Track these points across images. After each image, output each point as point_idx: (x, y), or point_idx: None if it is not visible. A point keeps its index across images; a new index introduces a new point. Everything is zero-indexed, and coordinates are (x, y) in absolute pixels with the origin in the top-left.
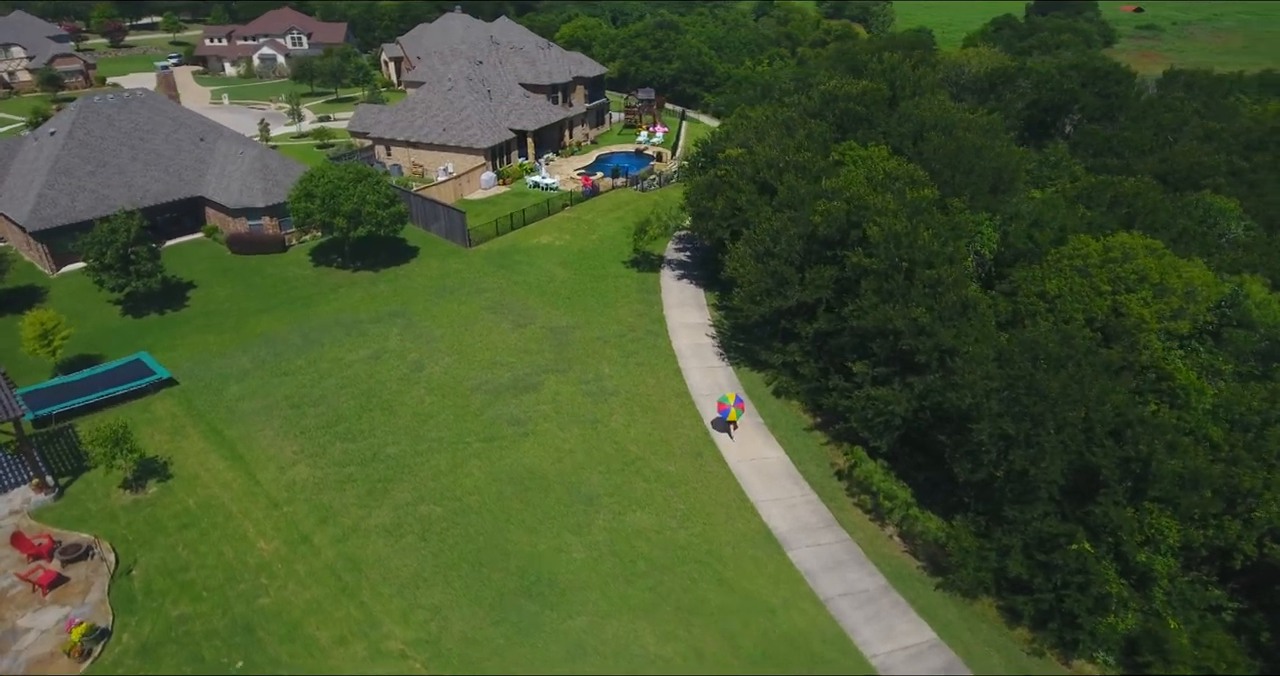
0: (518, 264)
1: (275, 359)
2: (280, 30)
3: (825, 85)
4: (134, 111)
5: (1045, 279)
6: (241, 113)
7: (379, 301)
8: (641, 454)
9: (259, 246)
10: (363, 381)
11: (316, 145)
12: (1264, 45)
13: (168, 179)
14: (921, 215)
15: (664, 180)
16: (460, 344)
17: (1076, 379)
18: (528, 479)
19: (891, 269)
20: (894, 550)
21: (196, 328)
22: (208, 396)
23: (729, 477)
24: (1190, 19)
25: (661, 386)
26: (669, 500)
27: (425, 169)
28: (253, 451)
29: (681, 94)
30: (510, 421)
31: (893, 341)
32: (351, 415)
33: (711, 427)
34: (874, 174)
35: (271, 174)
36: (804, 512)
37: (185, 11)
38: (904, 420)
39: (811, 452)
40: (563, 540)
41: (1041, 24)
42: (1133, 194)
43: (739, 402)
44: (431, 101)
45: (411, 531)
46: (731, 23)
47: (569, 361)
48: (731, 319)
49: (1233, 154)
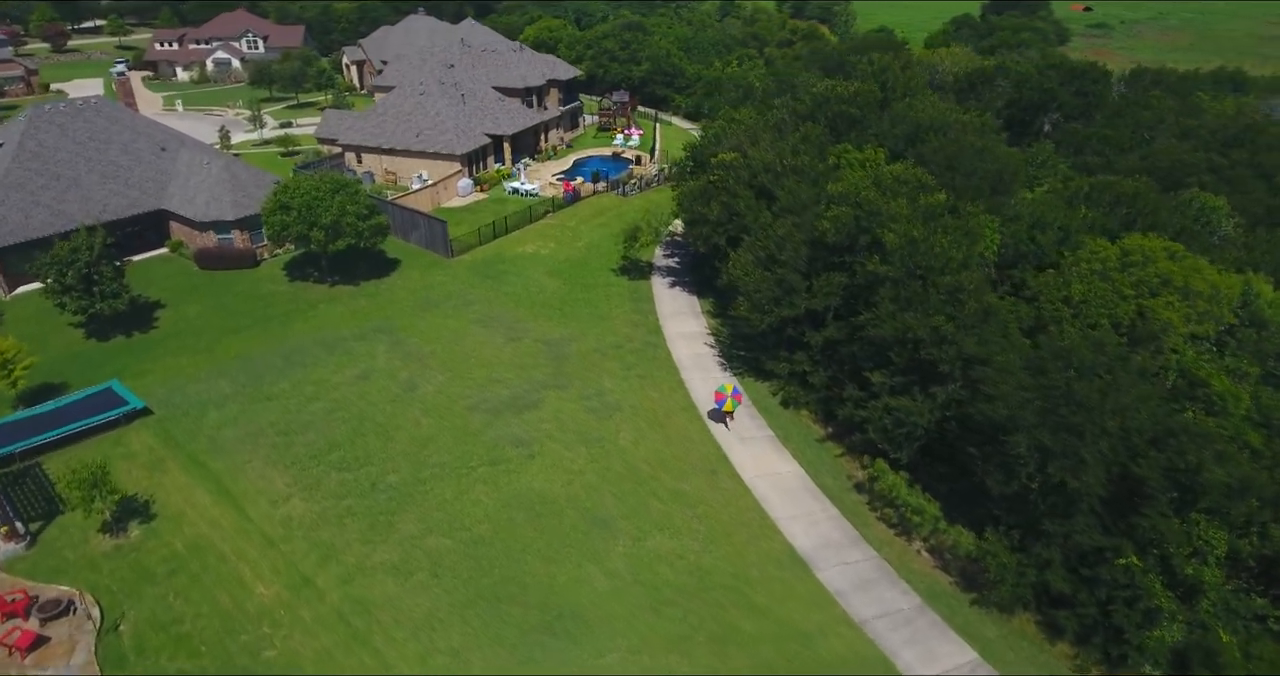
0: (504, 274)
1: (256, 382)
2: (235, 33)
3: (816, 87)
4: (89, 120)
5: (1069, 284)
6: (197, 120)
7: (361, 317)
8: (653, 472)
9: (229, 261)
10: (353, 404)
11: (281, 153)
12: (1210, 43)
13: (128, 192)
14: (934, 220)
15: (645, 184)
16: (452, 360)
17: (1112, 387)
18: (538, 504)
19: (908, 276)
20: (924, 566)
21: (168, 350)
22: (186, 425)
23: (746, 494)
24: (1138, 18)
25: (666, 400)
26: (687, 521)
27: (399, 176)
28: (241, 485)
29: (651, 96)
30: (514, 442)
31: (911, 350)
32: (344, 442)
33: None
34: (882, 178)
35: (241, 185)
36: (827, 529)
37: (131, 14)
38: (925, 430)
39: (827, 465)
40: (582, 569)
41: (1000, 23)
42: (1132, 194)
43: (736, 393)
44: (403, 106)
45: (421, 567)
46: (697, 23)
47: (568, 376)
48: (731, 328)
49: (1211, 151)
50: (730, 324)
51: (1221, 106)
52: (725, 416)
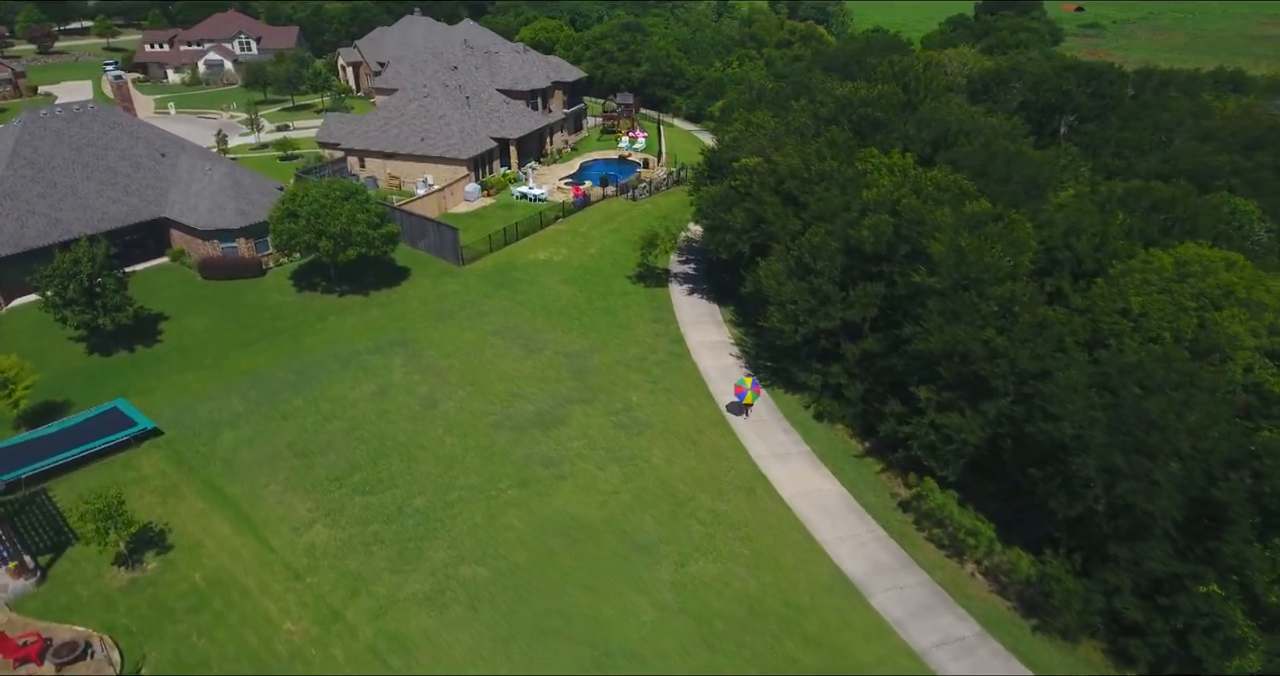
0: (518, 282)
1: (269, 399)
2: (227, 34)
3: (838, 90)
4: (85, 125)
5: (1127, 296)
6: (191, 122)
7: (374, 329)
8: (690, 492)
9: (234, 271)
10: (372, 422)
11: (279, 157)
12: (1203, 42)
13: (127, 199)
14: (979, 229)
15: (654, 188)
16: (472, 374)
17: (1184, 405)
18: (574, 529)
19: (956, 287)
20: (980, 590)
21: (174, 366)
22: (199, 447)
23: (788, 515)
24: (1130, 18)
25: (696, 414)
26: (730, 544)
27: (403, 181)
28: (260, 511)
29: (651, 97)
30: (543, 462)
31: (959, 364)
32: (366, 463)
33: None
34: (921, 185)
35: (245, 192)
36: (876, 551)
37: (118, 15)
38: (976, 448)
39: (868, 482)
40: (627, 599)
41: (997, 24)
42: (1170, 199)
43: (755, 386)
44: (407, 109)
45: (457, 600)
46: (694, 24)
47: (593, 390)
48: (756, 337)
49: (1234, 154)
50: (755, 334)
51: (1225, 107)
52: (745, 409)
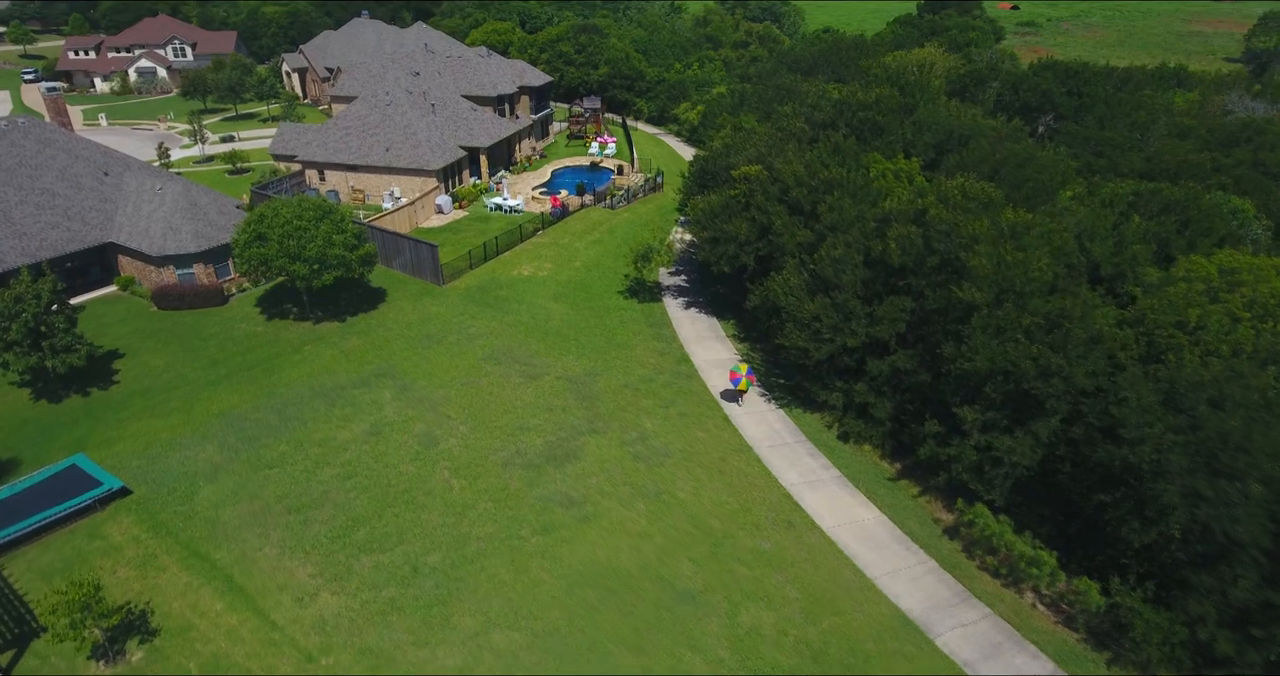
0: (504, 301)
1: (250, 445)
2: (160, 40)
3: (835, 93)
4: (16, 143)
5: (1181, 307)
6: (125, 135)
7: (357, 359)
8: (726, 529)
9: (193, 300)
10: (368, 467)
11: (228, 171)
12: (1135, 39)
13: (68, 224)
14: (1016, 239)
15: (631, 195)
16: (470, 406)
17: (1266, 424)
18: (610, 579)
19: (999, 301)
20: (1045, 623)
21: (136, 411)
22: (175, 506)
23: (833, 549)
24: (1061, 15)
25: (715, 441)
26: (780, 587)
27: (367, 194)
28: (256, 580)
29: (613, 100)
30: (563, 502)
31: (1006, 383)
32: (369, 515)
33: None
34: (948, 194)
35: (202, 212)
36: (931, 585)
37: (33, 20)
38: (1028, 470)
39: (908, 508)
40: (680, 659)
41: (946, 23)
42: (1183, 201)
43: (750, 374)
44: (369, 118)
45: (494, 673)
46: (649, 25)
47: (603, 418)
48: (765, 354)
49: (1214, 151)
50: (764, 350)
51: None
52: (739, 395)
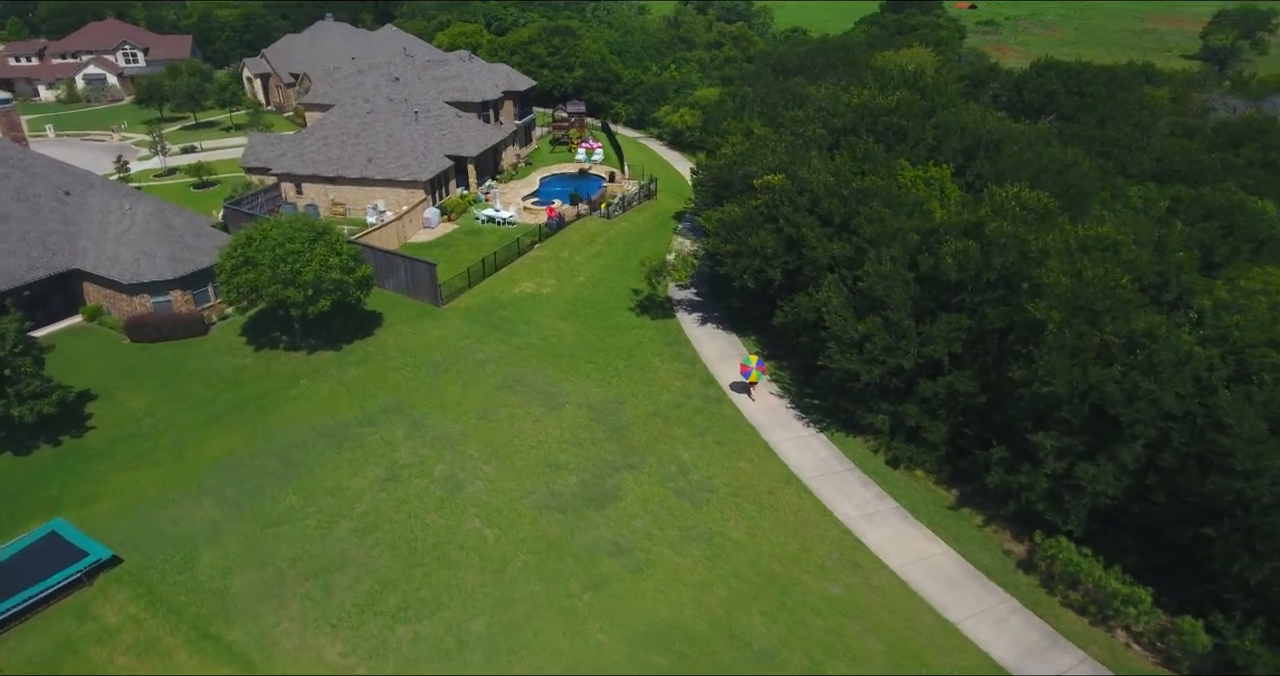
0: (510, 322)
1: (251, 499)
2: (110, 45)
3: (855, 97)
4: None
5: (1273, 323)
6: (76, 147)
7: (359, 393)
8: (790, 573)
9: (170, 330)
10: (389, 519)
11: (193, 184)
12: (1093, 38)
13: (27, 250)
14: (1088, 252)
15: (626, 203)
16: (492, 443)
17: None
18: (676, 639)
19: (1073, 321)
20: (1144, 664)
21: (117, 461)
22: (174, 576)
23: (905, 591)
24: (1018, 14)
25: (760, 471)
26: (860, 638)
27: (348, 208)
28: (278, 664)
29: (590, 103)
30: (610, 550)
31: (1079, 406)
32: (398, 578)
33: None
34: (1005, 205)
35: (177, 235)
36: (1016, 626)
37: None
38: (1111, 499)
39: (975, 540)
40: None
41: (914, 23)
42: (1227, 206)
43: (760, 365)
44: (348, 127)
45: None
46: (621, 26)
47: (638, 451)
48: (793, 374)
49: (1222, 150)
50: (792, 368)
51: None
52: (749, 388)
